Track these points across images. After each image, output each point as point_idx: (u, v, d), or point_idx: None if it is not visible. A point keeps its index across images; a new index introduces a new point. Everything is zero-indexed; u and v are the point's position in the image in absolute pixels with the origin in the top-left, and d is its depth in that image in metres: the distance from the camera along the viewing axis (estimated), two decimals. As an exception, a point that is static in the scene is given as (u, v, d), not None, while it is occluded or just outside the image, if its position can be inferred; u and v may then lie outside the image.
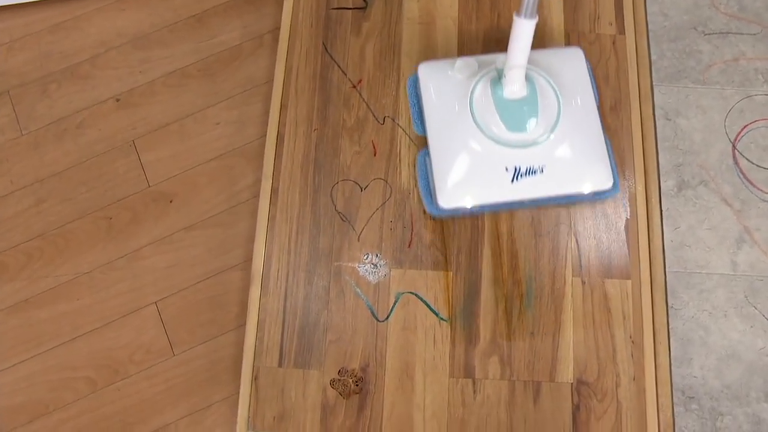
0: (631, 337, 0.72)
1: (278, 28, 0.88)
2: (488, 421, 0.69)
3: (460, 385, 0.70)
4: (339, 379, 0.71)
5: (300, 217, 0.77)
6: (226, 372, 0.77)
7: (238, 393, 0.72)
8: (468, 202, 0.71)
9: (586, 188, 0.71)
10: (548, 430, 0.69)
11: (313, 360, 0.71)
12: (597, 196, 0.73)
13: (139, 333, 0.79)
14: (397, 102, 0.81)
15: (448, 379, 0.70)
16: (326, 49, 0.83)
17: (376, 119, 0.80)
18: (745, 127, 0.80)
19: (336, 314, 0.73)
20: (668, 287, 0.73)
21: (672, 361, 0.72)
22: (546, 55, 0.75)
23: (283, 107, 0.81)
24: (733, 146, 0.79)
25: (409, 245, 0.75)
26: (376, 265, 0.74)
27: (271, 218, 0.76)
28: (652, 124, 0.80)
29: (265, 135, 0.81)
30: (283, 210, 0.77)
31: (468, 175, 0.71)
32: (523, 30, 0.62)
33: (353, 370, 0.71)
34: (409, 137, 0.79)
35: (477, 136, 0.70)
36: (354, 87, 0.81)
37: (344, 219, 0.76)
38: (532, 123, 0.69)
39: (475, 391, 0.70)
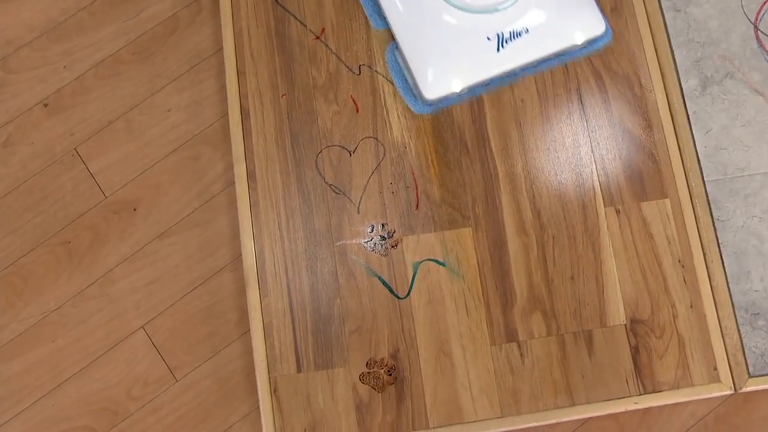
0: (680, 261, 0.67)
1: (215, -14, 0.77)
2: (543, 384, 0.64)
3: (505, 352, 0.64)
4: (369, 372, 0.64)
5: (286, 199, 0.68)
6: (239, 387, 0.70)
7: (258, 408, 0.65)
8: (456, 85, 0.67)
9: (578, 38, 0.68)
10: (609, 380, 0.64)
11: (335, 357, 0.64)
12: (591, 47, 0.69)
13: (131, 364, 0.71)
14: (370, 46, 0.71)
15: (490, 348, 0.64)
16: (277, 0, 0.73)
17: (351, 70, 0.71)
18: (765, 3, 0.72)
19: (350, 300, 0.65)
20: (710, 198, 0.68)
21: (728, 279, 0.67)
22: None
23: (240, 77, 0.71)
24: (755, 27, 0.72)
25: (417, 206, 0.67)
26: (383, 237, 0.67)
27: (253, 206, 0.68)
28: (661, 18, 0.72)
29: (227, 113, 0.72)
30: (265, 194, 0.68)
31: (448, 56, 0.67)
32: None
33: (383, 359, 0.64)
34: (392, 84, 0.70)
35: (447, 10, 0.66)
36: (317, 38, 0.72)
37: (337, 191, 0.68)
38: None
39: (522, 355, 0.64)
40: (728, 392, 0.64)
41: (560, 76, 0.70)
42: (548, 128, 0.69)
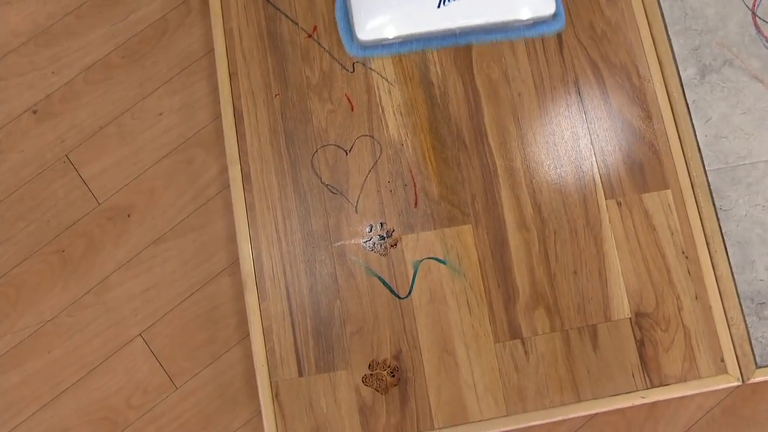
0: (683, 252, 0.66)
1: (204, -13, 0.76)
2: (548, 381, 0.63)
3: (509, 349, 0.63)
4: (371, 374, 0.63)
5: (283, 200, 0.67)
6: (240, 393, 0.69)
7: (260, 413, 0.64)
8: (390, 32, 0.67)
9: (524, 14, 0.68)
10: (616, 374, 0.63)
11: (337, 360, 0.63)
12: (540, 29, 0.69)
13: (130, 373, 0.70)
14: (364, 43, 0.70)
15: (493, 346, 0.63)
16: (267, -2, 0.72)
17: (344, 68, 0.69)
18: (762, -12, 0.71)
19: (350, 302, 0.64)
20: (712, 188, 0.67)
21: (733, 269, 0.66)
22: None
23: (233, 78, 0.70)
24: (753, 13, 0.71)
25: (416, 204, 0.66)
26: (382, 236, 0.66)
27: (249, 209, 0.67)
28: (657, 7, 0.71)
29: (220, 115, 0.70)
30: (261, 196, 0.67)
31: (388, 2, 0.66)
32: None
33: (385, 360, 0.63)
34: (387, 81, 0.69)
35: None
36: (310, 36, 0.70)
37: (334, 191, 0.67)
38: None
39: (526, 352, 0.63)
40: (736, 383, 0.63)
41: (557, 69, 0.69)
42: (546, 121, 0.68)
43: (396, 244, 0.66)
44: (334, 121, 0.69)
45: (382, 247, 0.66)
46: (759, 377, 0.63)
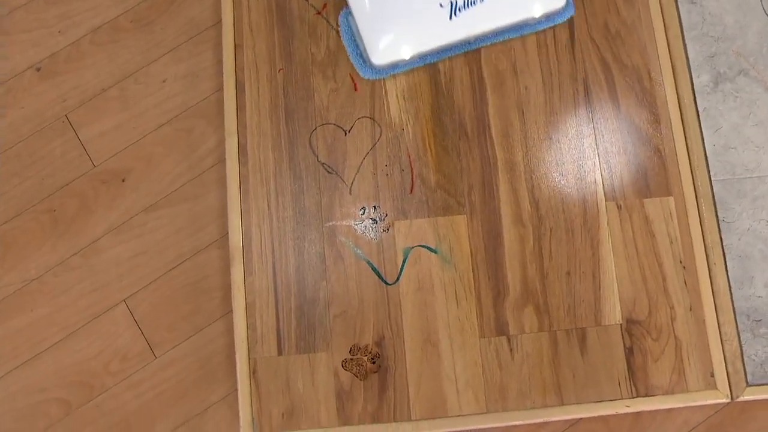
0: (681, 261, 0.63)
1: (218, -44, 0.74)
2: (531, 381, 0.61)
3: (494, 346, 0.61)
4: (352, 359, 0.61)
5: (277, 176, 0.66)
6: (219, 368, 0.67)
7: (237, 390, 0.62)
8: (405, 52, 0.65)
9: (537, 10, 0.66)
10: (601, 381, 0.61)
11: (318, 341, 0.62)
12: (551, 21, 0.67)
13: (111, 338, 0.69)
14: (373, 24, 0.68)
15: (478, 341, 0.61)
16: (279, -28, 0.71)
17: (351, 48, 0.68)
18: (785, -1, 0.68)
19: (337, 284, 0.63)
20: (716, 199, 0.64)
21: (731, 283, 0.64)
22: None
23: (238, 50, 0.69)
24: (773, 24, 0.68)
25: (411, 190, 0.65)
26: (375, 220, 0.64)
27: (243, 182, 0.66)
28: (675, 10, 0.69)
29: (223, 86, 0.69)
30: (256, 170, 0.66)
31: (399, 22, 0.64)
32: None
33: (367, 345, 0.61)
34: (394, 64, 0.67)
35: None
36: (319, 13, 0.69)
37: (330, 170, 0.65)
38: None
39: (511, 350, 0.61)
40: (724, 400, 0.61)
41: (566, 65, 0.67)
42: (552, 117, 0.66)
43: (388, 229, 0.64)
44: (335, 100, 0.67)
45: (374, 230, 0.64)
46: (749, 396, 0.61)
